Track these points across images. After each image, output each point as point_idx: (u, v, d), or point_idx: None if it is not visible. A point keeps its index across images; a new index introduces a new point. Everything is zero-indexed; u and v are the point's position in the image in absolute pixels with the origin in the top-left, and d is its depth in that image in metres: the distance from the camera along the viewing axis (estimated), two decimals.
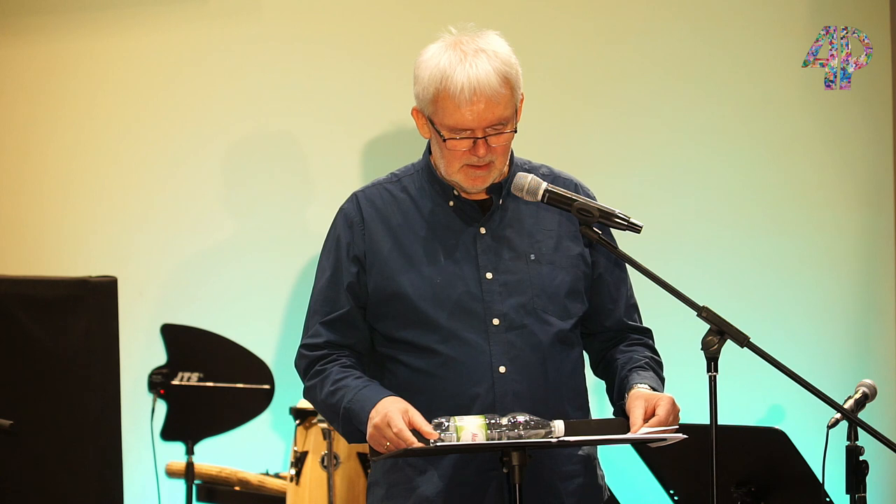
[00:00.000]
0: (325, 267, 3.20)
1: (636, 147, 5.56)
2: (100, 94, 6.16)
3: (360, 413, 3.02)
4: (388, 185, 3.21)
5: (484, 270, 3.10)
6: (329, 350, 3.15)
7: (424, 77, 3.07)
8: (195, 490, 5.44)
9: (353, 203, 3.20)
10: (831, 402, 2.94)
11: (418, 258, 3.11)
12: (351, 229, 3.17)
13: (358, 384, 3.07)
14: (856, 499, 3.51)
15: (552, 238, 3.15)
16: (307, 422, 5.08)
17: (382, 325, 3.13)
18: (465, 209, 3.14)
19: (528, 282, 3.11)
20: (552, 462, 3.10)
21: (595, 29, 5.63)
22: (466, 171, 3.07)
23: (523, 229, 3.15)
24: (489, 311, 3.08)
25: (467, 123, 3.03)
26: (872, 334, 5.35)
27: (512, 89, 3.05)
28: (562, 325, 3.12)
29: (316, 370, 3.13)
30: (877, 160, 5.34)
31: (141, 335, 5.75)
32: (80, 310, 4.39)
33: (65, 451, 4.35)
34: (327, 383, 3.10)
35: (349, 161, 5.89)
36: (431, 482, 3.09)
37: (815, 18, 5.30)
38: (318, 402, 3.14)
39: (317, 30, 5.95)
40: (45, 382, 4.38)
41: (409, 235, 3.13)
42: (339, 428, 3.11)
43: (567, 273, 3.14)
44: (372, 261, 3.13)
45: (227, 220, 6.02)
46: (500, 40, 3.09)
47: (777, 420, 5.26)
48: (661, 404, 2.95)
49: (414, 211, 3.16)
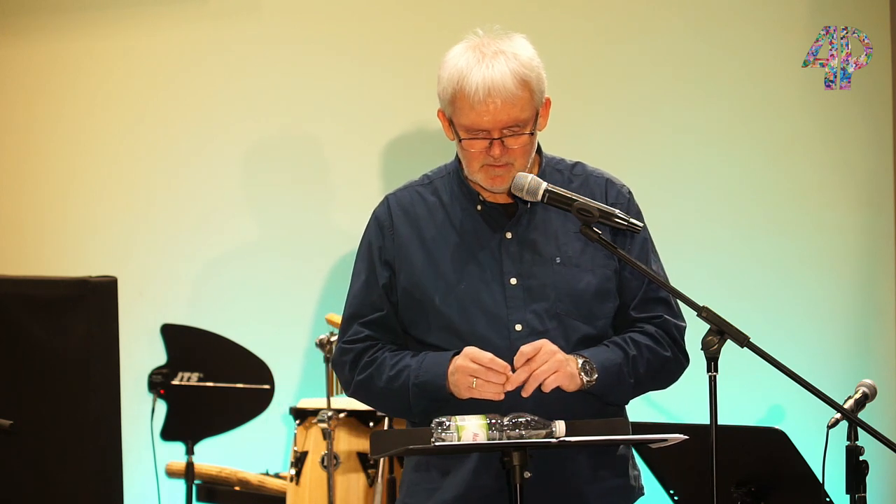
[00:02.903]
0: (360, 271, 3.21)
1: (636, 147, 5.56)
2: (100, 94, 6.16)
3: (435, 378, 3.03)
4: (420, 188, 3.22)
5: (508, 276, 3.11)
6: (373, 342, 3.16)
7: (444, 77, 3.09)
8: (195, 490, 5.45)
9: (384, 207, 3.22)
10: (831, 402, 2.94)
11: (444, 263, 3.12)
12: (381, 233, 3.19)
13: (417, 359, 3.08)
14: (856, 499, 3.51)
15: (579, 240, 3.13)
16: (307, 422, 5.09)
17: (412, 329, 3.16)
18: (492, 214, 3.15)
19: (551, 286, 3.10)
20: (575, 465, 3.10)
21: (595, 29, 5.63)
22: (486, 170, 3.08)
23: (550, 233, 3.15)
24: (512, 317, 3.09)
25: (482, 124, 3.03)
26: (872, 334, 5.35)
27: (531, 92, 3.05)
28: (587, 330, 3.11)
29: (366, 361, 3.14)
30: (877, 160, 5.34)
31: (141, 335, 5.75)
32: (80, 310, 4.39)
33: (65, 451, 4.35)
34: (384, 369, 3.11)
35: (349, 161, 5.90)
36: (452, 486, 3.10)
37: (815, 18, 5.30)
38: (378, 390, 3.13)
39: (317, 30, 5.95)
40: (45, 382, 4.38)
41: (436, 240, 3.15)
42: (406, 410, 3.11)
43: (594, 275, 3.13)
44: (400, 265, 3.15)
45: (227, 220, 6.02)
46: (524, 43, 3.10)
47: (777, 420, 5.26)
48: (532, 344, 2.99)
49: (443, 215, 3.17)
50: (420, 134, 5.55)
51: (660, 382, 3.19)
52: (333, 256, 5.85)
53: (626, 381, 3.09)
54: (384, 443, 3.01)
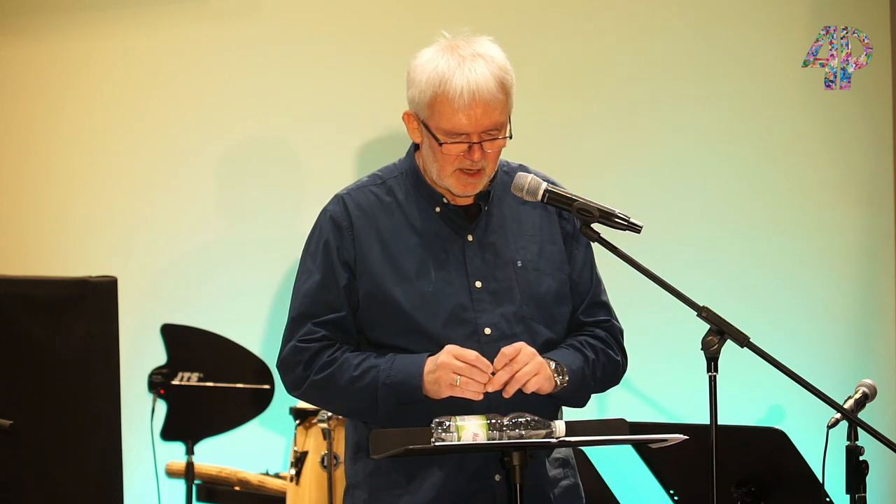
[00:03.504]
0: (312, 269, 3.13)
1: (636, 147, 5.56)
2: (100, 94, 6.16)
3: (409, 378, 3.00)
4: (374, 188, 3.18)
5: (473, 279, 3.10)
6: (329, 341, 3.09)
7: (421, 80, 3.06)
8: (195, 490, 5.44)
9: (339, 206, 3.16)
10: (831, 402, 2.94)
11: (408, 267, 3.09)
12: (340, 233, 3.12)
13: (386, 360, 3.03)
14: (856, 499, 3.51)
15: (535, 243, 3.15)
16: (307, 422, 5.08)
17: (374, 331, 3.10)
18: (451, 216, 3.13)
19: (516, 289, 3.10)
20: (539, 466, 3.09)
21: (595, 29, 5.63)
22: (458, 175, 3.06)
23: (508, 235, 3.14)
24: (481, 321, 3.08)
25: (464, 128, 3.02)
26: (872, 334, 5.35)
27: (507, 95, 3.05)
28: (548, 334, 3.12)
29: (325, 361, 3.07)
30: (877, 160, 5.34)
31: (141, 335, 5.75)
32: (80, 310, 4.39)
33: (65, 451, 4.35)
34: (347, 369, 3.04)
35: (349, 162, 5.89)
36: (421, 490, 3.06)
37: (815, 18, 5.30)
38: (338, 390, 3.06)
39: (316, 30, 5.95)
40: (45, 382, 4.38)
41: (397, 242, 3.11)
42: (368, 410, 3.05)
43: (553, 278, 3.14)
44: (362, 268, 3.10)
45: (227, 220, 6.02)
46: (494, 46, 3.09)
47: (777, 420, 5.26)
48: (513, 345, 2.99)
49: (401, 216, 3.13)
50: None
51: (609, 385, 3.21)
52: None
53: (588, 384, 3.11)
54: (384, 443, 2.99)
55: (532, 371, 2.98)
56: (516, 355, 2.98)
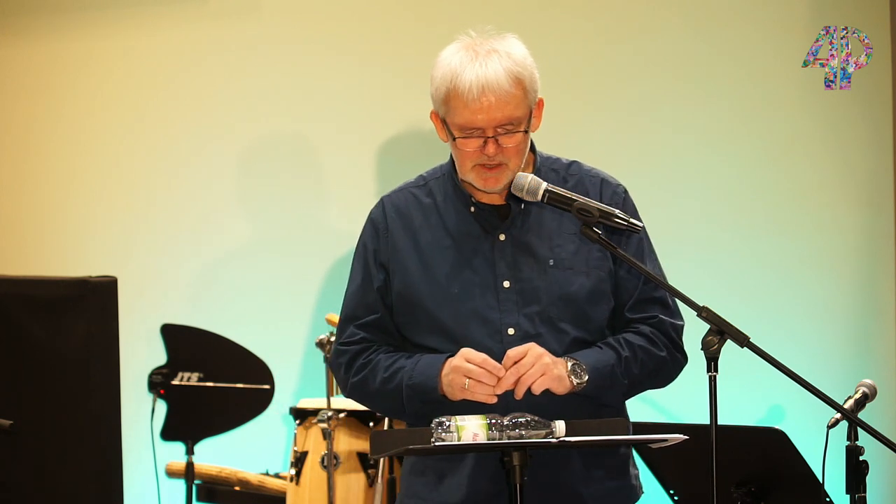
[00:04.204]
0: (356, 272, 3.22)
1: (636, 147, 5.56)
2: (100, 94, 6.16)
3: (427, 380, 3.04)
4: (415, 190, 3.22)
5: (501, 279, 3.11)
6: (368, 343, 3.17)
7: (437, 77, 3.08)
8: (195, 490, 5.44)
9: (379, 209, 3.23)
10: (831, 402, 2.94)
11: (438, 266, 3.12)
12: (377, 235, 3.19)
13: (412, 361, 3.09)
14: (856, 499, 3.51)
15: (573, 242, 3.13)
16: (307, 422, 5.09)
17: (407, 330, 3.17)
18: (484, 215, 3.15)
19: (544, 289, 3.10)
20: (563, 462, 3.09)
21: (595, 29, 5.63)
22: (478, 171, 3.08)
23: (544, 233, 3.14)
24: (504, 321, 3.09)
25: (477, 122, 3.03)
26: (872, 334, 5.35)
27: (524, 90, 3.05)
28: (577, 333, 3.11)
29: (361, 363, 3.15)
30: (877, 160, 5.34)
31: (141, 335, 5.75)
32: (80, 310, 4.38)
33: (65, 451, 4.35)
34: (379, 371, 3.12)
35: (349, 162, 5.90)
36: (449, 490, 3.11)
37: (815, 18, 5.30)
38: (373, 391, 3.14)
39: (317, 30, 5.95)
40: (45, 382, 4.37)
41: (430, 243, 3.15)
42: (399, 411, 3.13)
43: (588, 277, 3.12)
44: (395, 268, 3.16)
45: (227, 220, 6.02)
46: (517, 43, 3.11)
47: (777, 420, 5.26)
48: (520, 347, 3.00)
49: (437, 217, 3.17)
50: (420, 135, 5.54)
51: (657, 382, 3.18)
52: (333, 256, 5.85)
53: (619, 383, 3.09)
54: (384, 443, 3.00)
55: (537, 373, 2.98)
56: (522, 357, 2.99)
